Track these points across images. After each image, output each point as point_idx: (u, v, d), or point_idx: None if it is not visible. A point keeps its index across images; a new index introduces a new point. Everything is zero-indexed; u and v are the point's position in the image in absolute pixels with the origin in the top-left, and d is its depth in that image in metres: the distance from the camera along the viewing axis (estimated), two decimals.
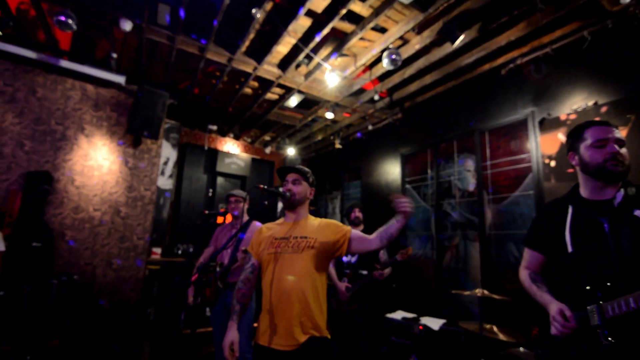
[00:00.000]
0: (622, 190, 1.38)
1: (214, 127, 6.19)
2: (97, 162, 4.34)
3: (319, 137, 6.45)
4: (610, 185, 1.40)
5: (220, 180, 6.50)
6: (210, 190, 6.35)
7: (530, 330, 1.62)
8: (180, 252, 5.50)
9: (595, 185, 1.43)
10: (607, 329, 1.23)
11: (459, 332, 3.01)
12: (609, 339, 1.22)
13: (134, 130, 4.36)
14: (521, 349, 2.55)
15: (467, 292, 2.82)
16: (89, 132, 4.33)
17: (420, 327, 3.12)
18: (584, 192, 1.48)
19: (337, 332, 3.38)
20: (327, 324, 1.78)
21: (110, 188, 4.40)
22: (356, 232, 1.88)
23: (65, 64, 4.08)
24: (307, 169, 2.01)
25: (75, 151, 4.21)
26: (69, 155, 4.17)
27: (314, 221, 1.93)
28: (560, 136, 3.31)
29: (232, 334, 1.76)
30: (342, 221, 6.40)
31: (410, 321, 3.27)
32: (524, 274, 1.63)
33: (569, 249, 1.40)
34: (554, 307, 1.35)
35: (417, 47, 3.57)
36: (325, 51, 3.86)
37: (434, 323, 3.18)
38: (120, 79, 4.34)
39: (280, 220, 2.02)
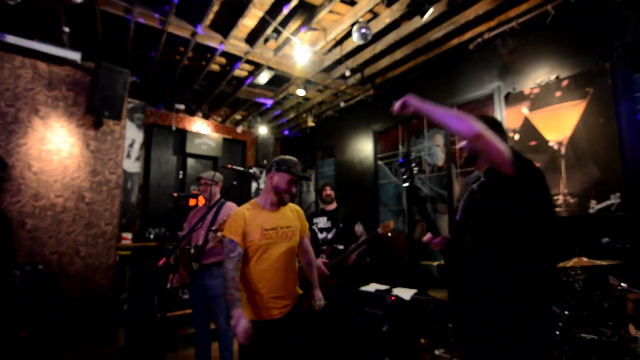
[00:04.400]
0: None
1: (182, 107, 5.95)
2: (55, 146, 4.09)
3: (291, 115, 6.35)
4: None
5: (191, 161, 6.33)
6: (181, 172, 6.18)
7: None
8: (152, 236, 5.37)
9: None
10: None
11: (428, 301, 3.15)
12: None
13: (93, 111, 4.12)
14: None
15: (435, 263, 2.93)
16: (43, 113, 4.05)
17: (393, 298, 3.23)
18: None
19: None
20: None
21: (72, 173, 4.18)
22: (307, 240, 2.36)
23: (11, 39, 3.74)
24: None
25: (30, 134, 3.94)
26: (24, 139, 3.90)
27: (290, 209, 2.21)
28: (524, 110, 3.41)
29: (243, 322, 1.78)
30: (316, 200, 6.44)
31: (383, 293, 3.37)
32: None
33: (458, 216, 1.80)
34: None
35: (387, 20, 3.52)
36: (294, 25, 3.73)
37: (406, 293, 3.30)
38: (75, 56, 4.03)
39: (255, 204, 2.09)
